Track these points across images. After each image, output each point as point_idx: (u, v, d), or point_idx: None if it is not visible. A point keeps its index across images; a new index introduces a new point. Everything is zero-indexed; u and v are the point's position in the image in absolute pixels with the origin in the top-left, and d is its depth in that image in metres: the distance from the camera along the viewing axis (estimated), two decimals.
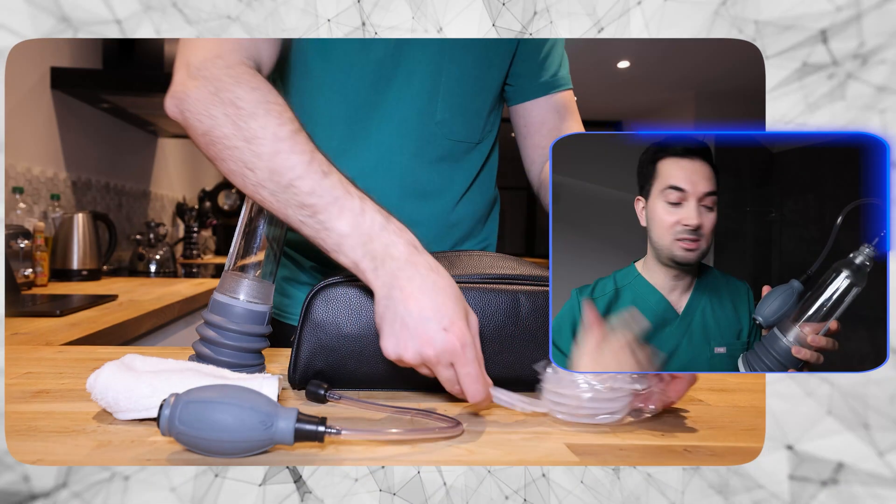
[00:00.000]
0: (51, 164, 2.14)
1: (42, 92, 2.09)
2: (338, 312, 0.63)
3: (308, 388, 0.60)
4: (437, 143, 0.93)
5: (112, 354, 0.82)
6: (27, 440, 0.49)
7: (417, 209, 0.94)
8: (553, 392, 0.57)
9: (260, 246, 0.65)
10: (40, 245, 1.73)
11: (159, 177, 3.32)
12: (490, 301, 0.63)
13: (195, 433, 0.45)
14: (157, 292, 1.74)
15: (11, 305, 1.31)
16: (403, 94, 0.89)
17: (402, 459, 0.47)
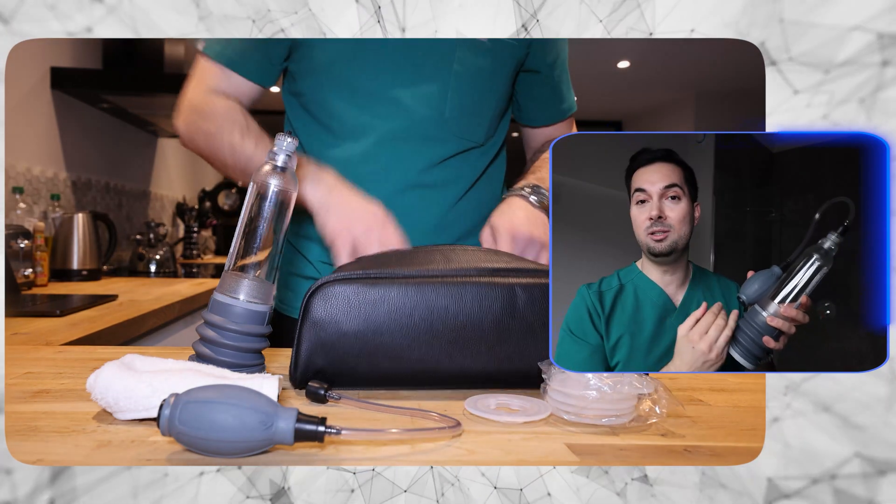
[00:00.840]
0: (51, 164, 2.14)
1: (42, 92, 2.09)
2: (337, 310, 0.63)
3: (308, 388, 0.60)
4: (444, 139, 0.97)
5: (112, 354, 0.82)
6: (27, 440, 0.49)
7: (419, 200, 0.98)
8: (558, 391, 0.57)
9: (260, 246, 0.65)
10: (40, 245, 1.73)
11: (159, 177, 3.32)
12: (486, 294, 0.64)
13: (195, 433, 0.45)
14: (156, 292, 1.74)
15: (11, 305, 1.31)
16: (414, 91, 0.94)
17: (402, 459, 0.47)
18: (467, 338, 0.63)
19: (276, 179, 0.64)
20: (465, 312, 0.63)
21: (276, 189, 0.64)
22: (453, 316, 0.63)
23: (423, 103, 0.95)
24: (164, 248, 2.40)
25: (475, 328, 0.63)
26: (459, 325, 0.63)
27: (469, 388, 0.66)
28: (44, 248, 1.74)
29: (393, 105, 0.94)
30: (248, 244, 0.64)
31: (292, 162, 0.66)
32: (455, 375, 0.64)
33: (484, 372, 0.64)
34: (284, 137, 0.65)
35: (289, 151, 0.65)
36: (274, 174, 0.64)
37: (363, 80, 0.94)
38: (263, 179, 0.64)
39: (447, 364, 0.64)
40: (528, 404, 0.60)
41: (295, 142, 0.65)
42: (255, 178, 0.65)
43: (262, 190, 0.64)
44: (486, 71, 0.96)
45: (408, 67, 0.94)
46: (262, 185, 0.64)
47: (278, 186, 0.64)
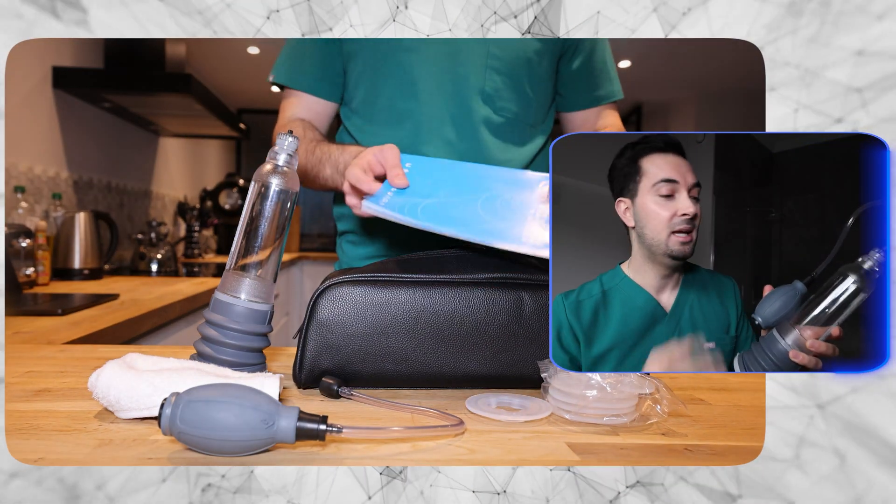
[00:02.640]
0: (52, 163, 2.15)
1: (44, 91, 2.09)
2: (343, 311, 0.63)
3: (322, 383, 0.61)
4: (481, 114, 1.02)
5: (113, 353, 0.82)
6: (29, 439, 0.49)
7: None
8: (559, 391, 0.57)
9: (261, 245, 0.65)
10: (42, 244, 1.73)
11: (161, 176, 3.32)
12: (494, 300, 0.64)
13: (196, 432, 0.45)
14: (158, 291, 1.75)
15: (13, 304, 1.31)
16: (452, 68, 1.00)
17: (403, 458, 0.47)
18: (473, 343, 0.63)
19: (278, 179, 0.64)
20: (472, 318, 0.64)
21: (277, 188, 0.64)
22: (460, 321, 0.63)
23: (459, 77, 1.00)
24: (165, 247, 2.40)
25: (481, 333, 0.64)
26: (466, 330, 0.63)
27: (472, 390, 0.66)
28: (45, 247, 1.74)
29: (425, 84, 1.00)
30: (249, 243, 0.65)
31: (293, 161, 0.66)
32: (460, 379, 0.65)
33: (489, 377, 0.64)
34: (286, 137, 0.65)
35: (290, 151, 0.65)
36: (275, 173, 0.65)
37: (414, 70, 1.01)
38: (265, 179, 0.65)
39: (452, 368, 0.64)
40: (529, 403, 0.60)
41: (296, 141, 0.65)
42: (256, 177, 0.65)
43: (263, 189, 0.65)
44: (518, 47, 1.01)
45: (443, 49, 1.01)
46: (263, 184, 0.65)
47: (279, 186, 0.64)
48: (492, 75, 1.00)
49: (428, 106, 1.01)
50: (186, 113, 2.58)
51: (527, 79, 1.03)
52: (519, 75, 1.02)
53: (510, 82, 1.02)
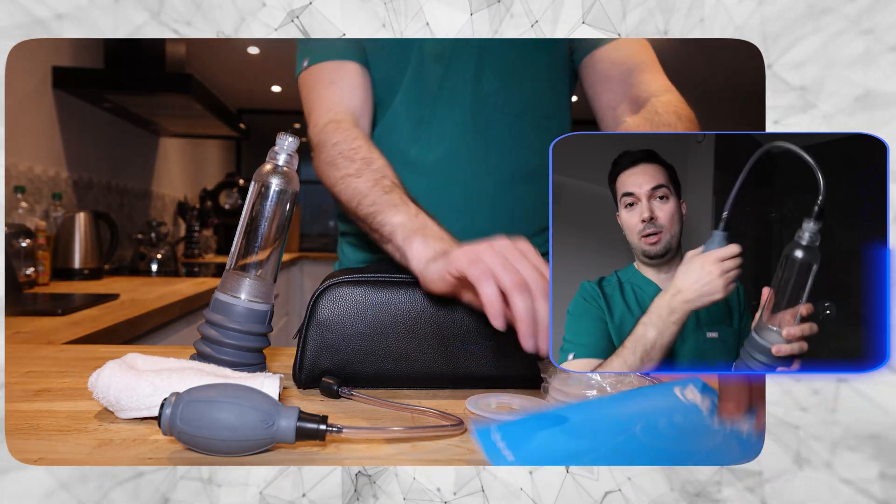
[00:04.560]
0: (52, 163, 2.15)
1: (44, 91, 2.09)
2: (343, 311, 0.63)
3: (322, 383, 0.61)
4: (487, 116, 0.94)
5: (113, 353, 0.82)
6: (28, 439, 0.49)
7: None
8: (559, 391, 0.57)
9: (261, 245, 0.65)
10: (42, 244, 1.73)
11: (161, 176, 3.32)
12: None
13: (196, 432, 0.45)
14: (158, 291, 1.75)
15: (13, 304, 1.31)
16: (455, 71, 0.92)
17: (403, 458, 0.47)
18: (473, 343, 0.63)
19: (277, 179, 0.64)
20: (473, 318, 0.63)
21: (277, 188, 0.64)
22: (460, 321, 0.63)
23: (461, 79, 0.93)
24: (165, 247, 2.40)
25: (482, 334, 0.63)
26: (466, 331, 0.63)
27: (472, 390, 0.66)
28: (45, 247, 1.74)
29: (438, 97, 0.93)
30: (249, 243, 0.65)
31: (293, 161, 0.66)
32: (460, 379, 0.65)
33: (489, 377, 0.64)
34: (286, 137, 0.65)
35: (290, 151, 0.65)
36: (275, 173, 0.65)
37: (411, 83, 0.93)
38: (265, 179, 0.65)
39: (452, 368, 0.64)
40: (528, 404, 0.60)
41: (296, 141, 0.65)
42: (256, 177, 0.65)
43: (263, 189, 0.65)
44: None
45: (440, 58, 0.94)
46: (263, 184, 0.65)
47: (279, 186, 0.64)
48: (487, 75, 0.95)
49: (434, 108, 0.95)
50: (186, 113, 2.58)
51: (528, 72, 0.96)
52: (518, 70, 0.95)
53: (510, 78, 0.95)
